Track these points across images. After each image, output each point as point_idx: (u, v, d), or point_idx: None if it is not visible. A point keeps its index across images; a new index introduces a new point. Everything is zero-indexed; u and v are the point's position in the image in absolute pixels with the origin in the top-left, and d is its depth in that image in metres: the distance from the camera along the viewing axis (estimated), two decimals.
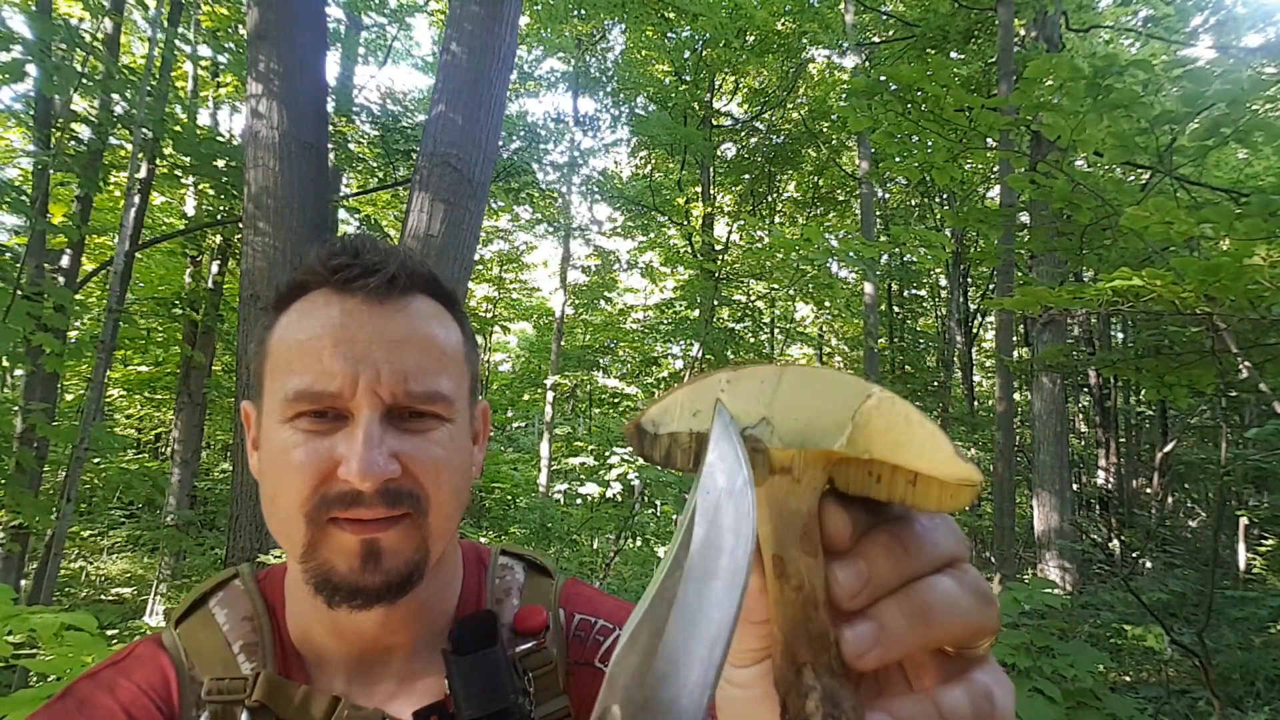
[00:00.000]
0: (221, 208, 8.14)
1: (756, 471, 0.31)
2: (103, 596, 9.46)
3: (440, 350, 0.66)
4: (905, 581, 0.31)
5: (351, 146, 8.87)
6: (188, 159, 6.39)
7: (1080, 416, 16.71)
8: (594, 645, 0.74)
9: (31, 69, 4.31)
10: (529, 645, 0.71)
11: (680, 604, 0.27)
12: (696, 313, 11.88)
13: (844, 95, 9.61)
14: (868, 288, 10.75)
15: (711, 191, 14.97)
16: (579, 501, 10.21)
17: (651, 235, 15.66)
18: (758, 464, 0.31)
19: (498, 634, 0.69)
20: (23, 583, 5.39)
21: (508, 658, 0.68)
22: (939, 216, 15.53)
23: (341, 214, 8.56)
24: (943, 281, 16.68)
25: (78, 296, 6.41)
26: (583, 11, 11.68)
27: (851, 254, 7.55)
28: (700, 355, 9.91)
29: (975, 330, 15.90)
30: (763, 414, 0.32)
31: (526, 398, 17.62)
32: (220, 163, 6.36)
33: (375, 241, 0.67)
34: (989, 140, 5.98)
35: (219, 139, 7.03)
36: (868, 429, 0.31)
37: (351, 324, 0.62)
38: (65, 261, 6.04)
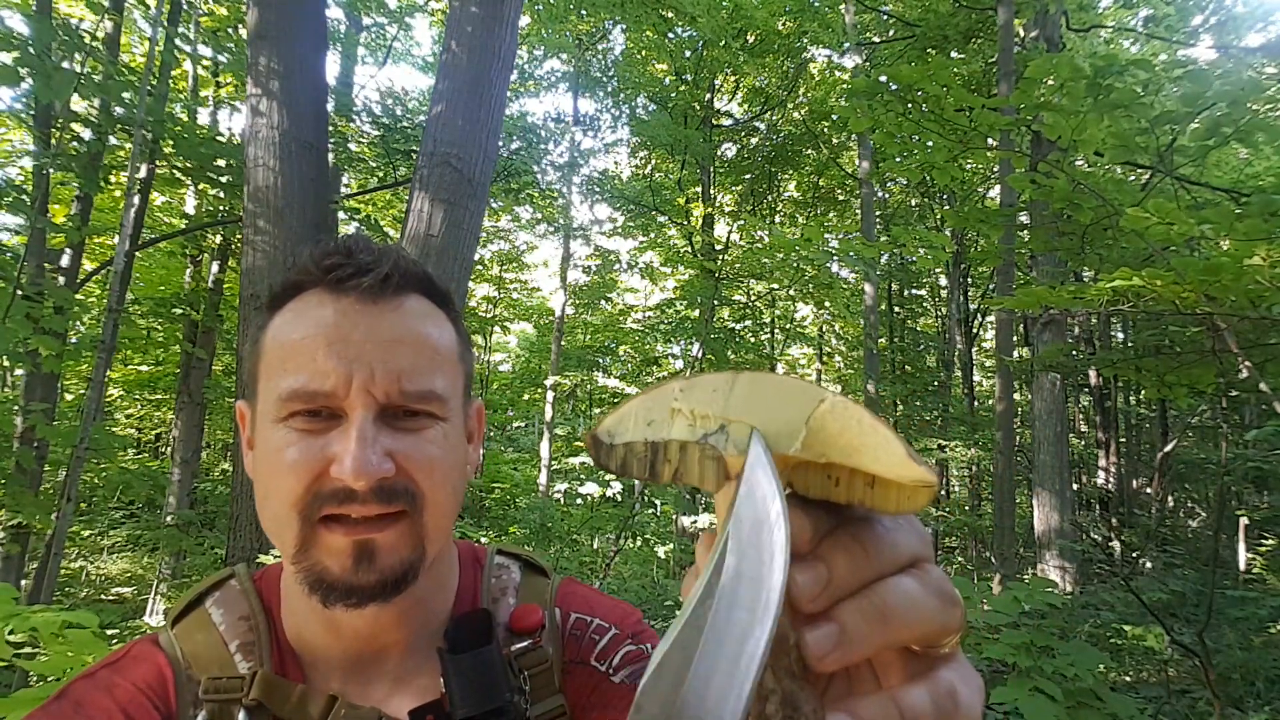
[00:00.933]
0: (221, 208, 8.15)
1: (712, 479, 0.31)
2: (103, 596, 9.47)
3: (434, 349, 0.66)
4: (866, 583, 0.30)
5: (352, 146, 8.87)
6: (188, 161, 6.40)
7: (1080, 416, 16.71)
8: (589, 644, 0.74)
9: (29, 69, 4.31)
10: (524, 644, 0.71)
11: (711, 632, 0.27)
12: (696, 313, 11.87)
13: (844, 95, 9.60)
14: (868, 288, 10.75)
15: (711, 191, 14.98)
16: (579, 501, 10.21)
17: (651, 235, 15.66)
18: (713, 471, 0.31)
19: (493, 633, 0.69)
20: (23, 582, 5.39)
21: (503, 656, 0.68)
22: (939, 216, 15.54)
23: (341, 214, 8.56)
24: (943, 281, 16.69)
25: (78, 296, 6.42)
26: (583, 12, 11.68)
27: (852, 254, 7.55)
28: (701, 355, 9.90)
29: (975, 330, 15.91)
30: (717, 421, 0.32)
31: (526, 398, 17.62)
32: (220, 163, 6.37)
33: (369, 241, 0.67)
34: (989, 140, 5.97)
35: (219, 139, 7.03)
36: (823, 433, 0.31)
37: (345, 323, 0.62)
38: (65, 261, 6.04)
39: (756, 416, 0.31)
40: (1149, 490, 13.19)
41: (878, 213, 13.55)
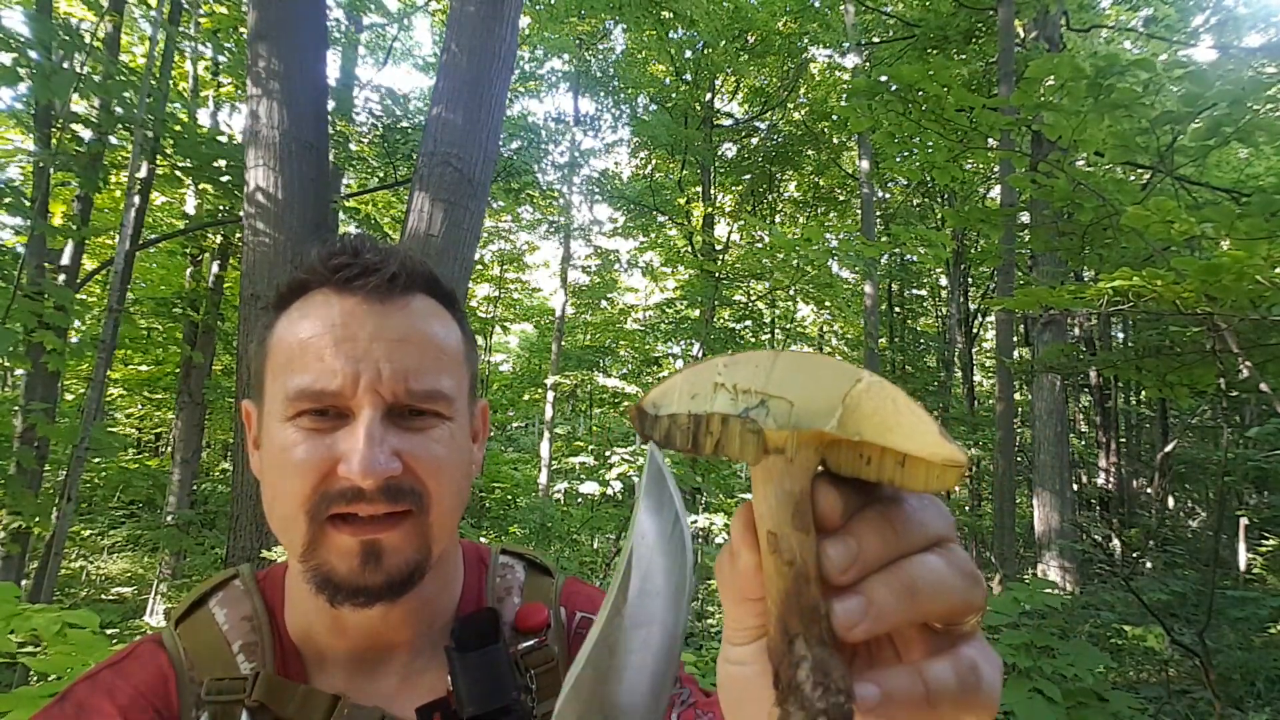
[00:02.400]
0: (221, 207, 8.14)
1: (751, 451, 0.32)
2: (103, 596, 9.45)
3: (440, 349, 0.66)
4: (894, 559, 0.32)
5: (351, 146, 8.87)
6: (188, 161, 6.39)
7: (1080, 416, 16.71)
8: None
9: (29, 69, 4.31)
10: (531, 643, 0.71)
11: (620, 652, 0.27)
12: (697, 313, 11.88)
13: (844, 95, 9.61)
14: (868, 288, 10.75)
15: (712, 191, 14.97)
16: (579, 501, 10.21)
17: (652, 235, 15.66)
18: (753, 444, 0.32)
19: (500, 632, 0.70)
20: (23, 582, 5.39)
21: (510, 655, 0.69)
22: (940, 216, 15.53)
23: (341, 214, 8.55)
24: (943, 281, 16.69)
25: (78, 296, 6.41)
26: (583, 12, 11.69)
27: (852, 254, 7.56)
28: (701, 355, 9.91)
29: (975, 330, 15.91)
30: (758, 396, 0.33)
31: (526, 398, 17.62)
32: (220, 163, 6.36)
33: (375, 241, 0.68)
34: (990, 140, 5.97)
35: (219, 139, 7.02)
36: (858, 412, 0.32)
37: (352, 323, 0.63)
38: (66, 261, 6.04)
39: (796, 392, 0.33)
40: (1149, 490, 13.19)
41: (878, 213, 13.54)
